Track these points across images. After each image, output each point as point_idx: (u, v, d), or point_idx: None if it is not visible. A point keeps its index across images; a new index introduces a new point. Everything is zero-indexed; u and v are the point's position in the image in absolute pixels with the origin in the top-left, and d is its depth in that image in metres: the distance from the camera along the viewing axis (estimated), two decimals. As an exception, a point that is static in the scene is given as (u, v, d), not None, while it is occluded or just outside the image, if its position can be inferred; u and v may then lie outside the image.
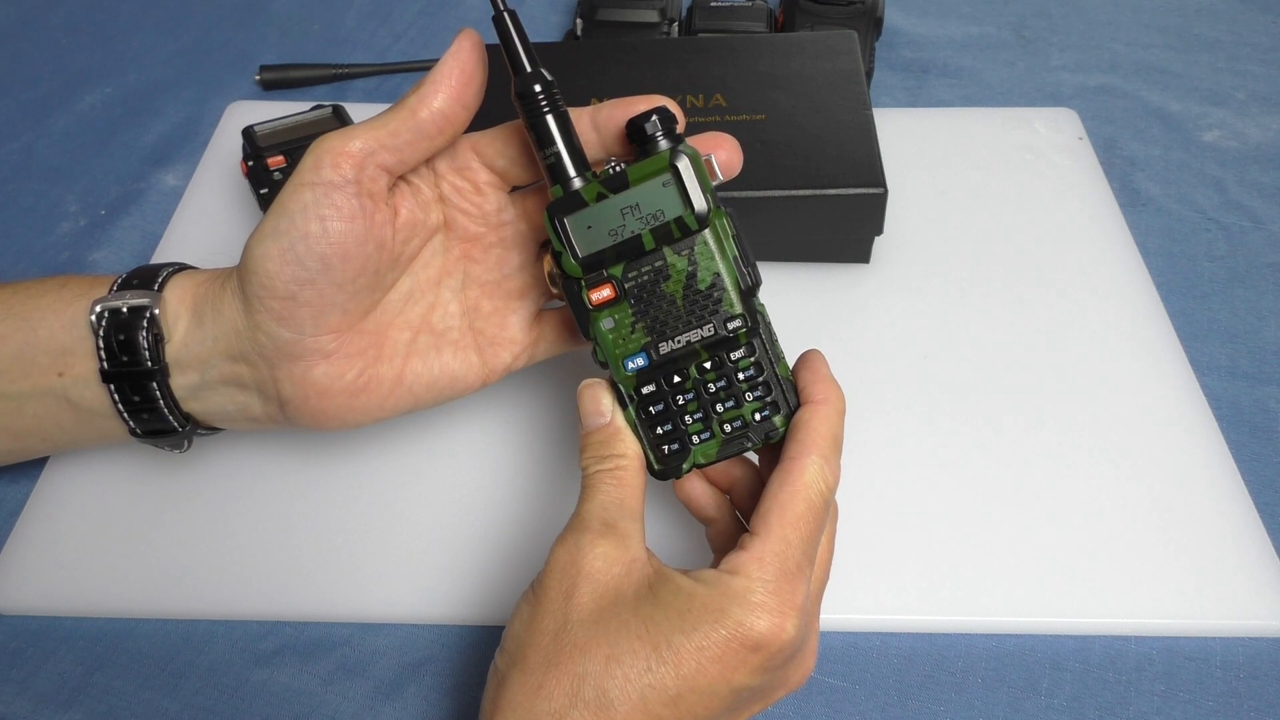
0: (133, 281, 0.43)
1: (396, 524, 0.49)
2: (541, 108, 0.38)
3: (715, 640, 0.34)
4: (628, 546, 0.37)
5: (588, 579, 0.36)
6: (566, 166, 0.38)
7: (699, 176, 0.37)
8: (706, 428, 0.39)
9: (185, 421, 0.44)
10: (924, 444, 0.52)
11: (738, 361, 0.38)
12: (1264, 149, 0.71)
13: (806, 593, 0.36)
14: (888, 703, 0.44)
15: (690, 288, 0.38)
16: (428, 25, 0.83)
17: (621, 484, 0.38)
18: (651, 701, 0.33)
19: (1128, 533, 0.48)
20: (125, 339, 0.42)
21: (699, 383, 0.39)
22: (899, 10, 0.83)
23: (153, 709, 0.44)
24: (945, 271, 0.60)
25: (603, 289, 0.38)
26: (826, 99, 0.61)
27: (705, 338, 0.38)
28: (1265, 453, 0.53)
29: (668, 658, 0.34)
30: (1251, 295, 0.61)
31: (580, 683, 0.34)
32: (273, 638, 0.46)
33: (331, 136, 0.39)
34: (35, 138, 0.73)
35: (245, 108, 0.72)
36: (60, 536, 0.49)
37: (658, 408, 0.39)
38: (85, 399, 0.44)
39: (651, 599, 0.35)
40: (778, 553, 0.35)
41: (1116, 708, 0.44)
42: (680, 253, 0.38)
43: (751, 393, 0.39)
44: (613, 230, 0.38)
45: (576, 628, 0.35)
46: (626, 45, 0.66)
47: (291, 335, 0.41)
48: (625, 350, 0.39)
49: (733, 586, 0.35)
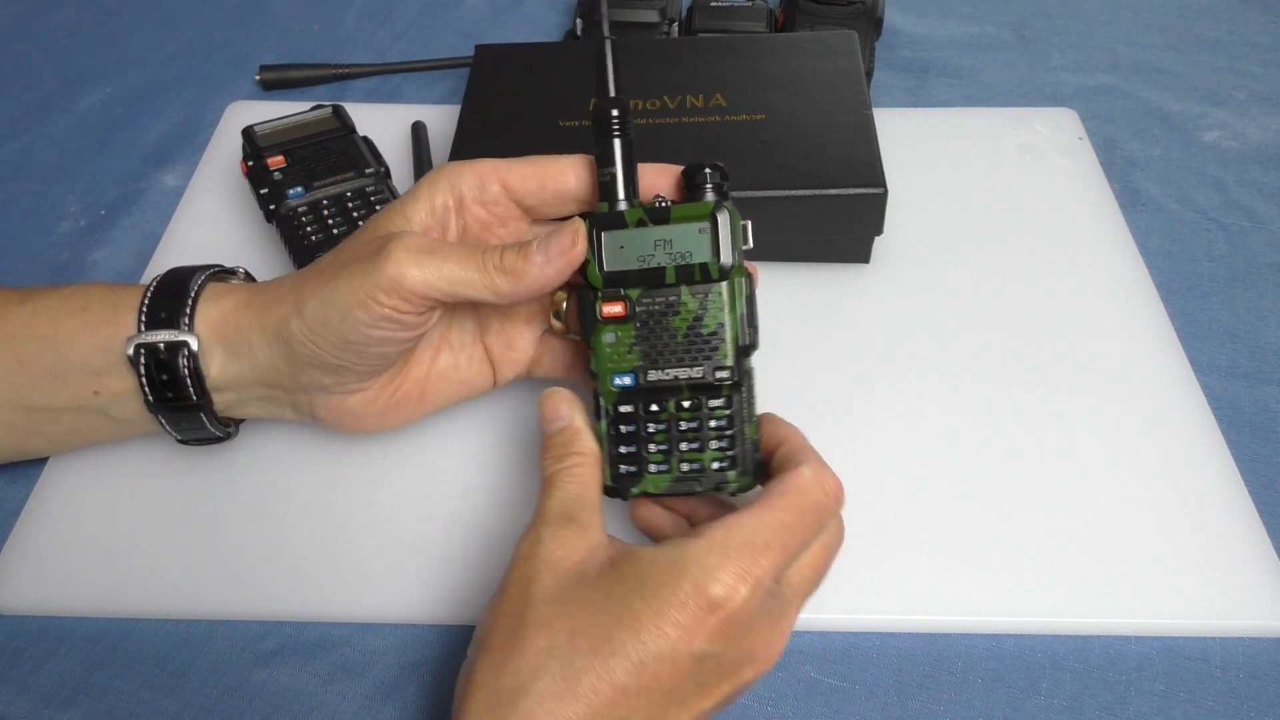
0: (160, 314, 0.44)
1: (396, 524, 0.49)
2: (613, 130, 0.41)
3: (672, 602, 0.34)
4: (588, 534, 0.38)
5: (548, 565, 0.37)
6: (618, 188, 0.41)
7: (733, 232, 0.40)
8: (665, 461, 0.41)
9: (229, 428, 0.47)
10: (924, 444, 0.52)
11: (714, 410, 0.40)
12: (1264, 149, 0.71)
13: (773, 573, 0.36)
14: (888, 703, 0.44)
15: (694, 329, 0.40)
16: (428, 25, 0.83)
17: (580, 480, 0.39)
18: (616, 670, 0.34)
19: (1128, 533, 0.48)
20: (169, 378, 0.43)
21: (673, 418, 0.40)
22: (899, 10, 0.83)
23: (153, 709, 0.44)
24: (945, 271, 0.60)
25: (615, 305, 0.40)
26: (826, 99, 0.61)
27: (693, 378, 0.40)
28: (1265, 453, 0.53)
29: (628, 623, 0.34)
30: (1251, 295, 0.61)
31: (545, 657, 0.34)
32: (273, 638, 0.46)
33: (416, 262, 0.39)
34: (35, 138, 0.73)
35: (245, 108, 0.72)
36: (60, 536, 0.49)
37: (628, 428, 0.41)
38: (124, 413, 0.45)
39: (614, 574, 0.36)
40: (748, 525, 0.36)
41: (1116, 708, 0.44)
42: (695, 295, 0.40)
43: (717, 442, 0.40)
44: (642, 257, 0.40)
45: (539, 606, 0.35)
46: (626, 45, 0.66)
47: (335, 382, 0.44)
48: (617, 366, 0.40)
49: (693, 548, 0.35)
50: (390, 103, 0.75)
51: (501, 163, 0.44)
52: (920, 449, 0.51)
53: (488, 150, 0.60)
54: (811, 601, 0.45)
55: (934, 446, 0.52)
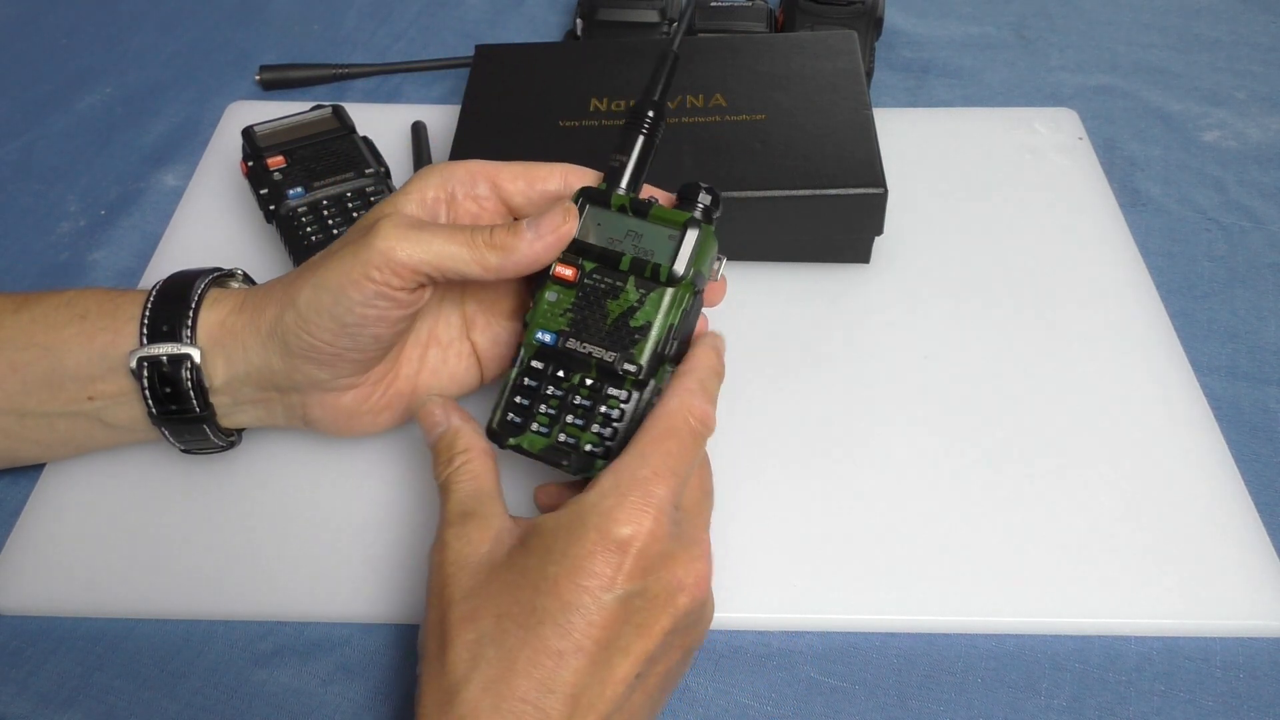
0: (161, 326, 0.43)
1: (395, 524, 0.49)
2: (642, 128, 0.44)
3: (581, 555, 0.35)
4: (490, 524, 0.38)
5: (457, 564, 0.37)
6: (623, 175, 0.43)
7: (697, 249, 0.41)
8: (549, 426, 0.42)
9: (231, 438, 0.48)
10: (924, 444, 0.52)
11: (610, 397, 0.41)
12: (1264, 149, 0.71)
13: (670, 499, 0.37)
14: (888, 703, 0.44)
15: (624, 318, 0.41)
16: (428, 25, 0.83)
17: (472, 476, 0.40)
18: (548, 637, 0.34)
19: (1128, 533, 0.48)
20: (172, 391, 0.44)
21: (572, 389, 0.42)
22: (899, 10, 0.83)
23: (153, 709, 0.44)
24: (945, 271, 0.60)
25: (568, 269, 0.42)
26: (826, 99, 0.61)
27: (603, 360, 0.41)
28: (1265, 453, 0.53)
29: (547, 590, 0.35)
30: (1251, 295, 0.61)
31: (478, 646, 0.35)
32: (272, 638, 0.46)
33: (405, 236, 0.40)
34: (35, 138, 0.73)
35: (245, 108, 0.72)
36: (60, 536, 0.49)
37: (531, 383, 0.42)
38: (119, 418, 0.45)
39: (523, 550, 0.37)
40: (632, 462, 0.37)
41: (1116, 708, 0.44)
42: (639, 289, 0.41)
43: (600, 428, 0.41)
44: (611, 238, 0.42)
45: (459, 604, 0.36)
46: (626, 45, 0.66)
47: (329, 376, 0.44)
48: (546, 324, 0.42)
49: (587, 500, 0.36)
50: (390, 103, 0.75)
51: (491, 163, 0.45)
52: (920, 449, 0.51)
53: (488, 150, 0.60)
54: (812, 601, 0.46)
55: (934, 446, 0.52)
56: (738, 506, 0.49)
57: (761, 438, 0.52)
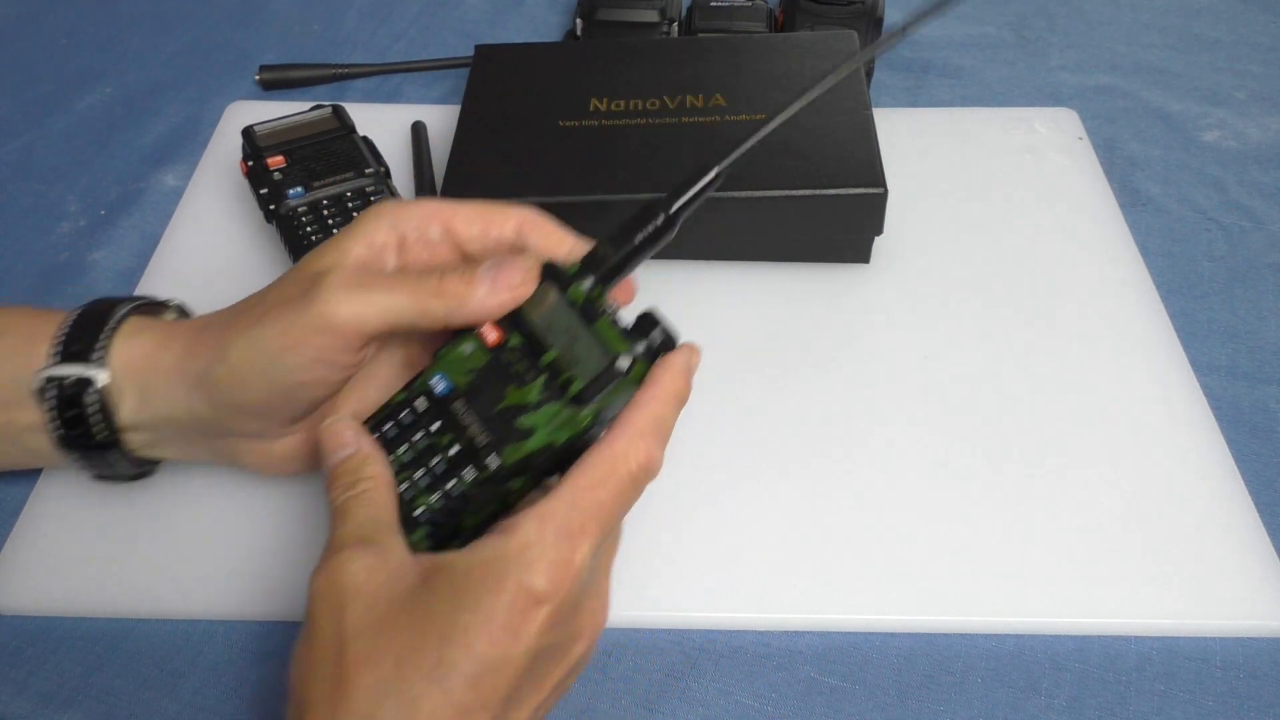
0: (73, 347, 0.42)
1: (396, 524, 0.49)
2: (647, 232, 0.39)
3: (500, 607, 0.33)
4: (388, 556, 0.35)
5: (354, 593, 0.34)
6: (598, 265, 0.39)
7: (613, 393, 0.38)
8: (400, 469, 0.39)
9: (144, 468, 0.46)
10: (924, 444, 0.52)
11: (461, 477, 0.38)
12: (1264, 149, 0.71)
13: (592, 552, 0.35)
14: (888, 703, 0.44)
15: (514, 411, 0.38)
16: (428, 25, 0.83)
17: (375, 503, 0.37)
18: (454, 691, 0.32)
19: (1128, 533, 0.48)
20: (75, 415, 0.42)
21: (434, 449, 0.39)
22: (899, 10, 0.83)
23: (153, 709, 0.44)
24: (945, 271, 0.60)
25: (495, 333, 0.39)
26: (826, 99, 0.60)
27: (474, 443, 0.38)
28: (1265, 453, 0.53)
29: (456, 639, 0.32)
30: (1251, 295, 0.61)
31: (377, 694, 0.32)
32: (273, 638, 0.46)
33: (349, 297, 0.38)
34: (35, 138, 0.73)
35: (245, 108, 0.72)
36: (60, 536, 0.49)
37: (408, 420, 0.40)
38: (36, 446, 0.44)
39: (428, 590, 0.34)
40: (560, 512, 0.34)
41: (1116, 708, 0.44)
42: (544, 391, 0.38)
43: (439, 500, 0.38)
44: (550, 326, 0.39)
45: (355, 642, 0.33)
46: (626, 45, 0.66)
47: (260, 429, 0.42)
48: (449, 371, 0.39)
49: (509, 547, 0.34)
50: (390, 103, 0.75)
51: (446, 204, 0.41)
52: (920, 449, 0.51)
53: (488, 151, 0.60)
54: (812, 601, 0.46)
55: (934, 446, 0.52)
56: (737, 506, 0.49)
57: (761, 438, 0.52)
